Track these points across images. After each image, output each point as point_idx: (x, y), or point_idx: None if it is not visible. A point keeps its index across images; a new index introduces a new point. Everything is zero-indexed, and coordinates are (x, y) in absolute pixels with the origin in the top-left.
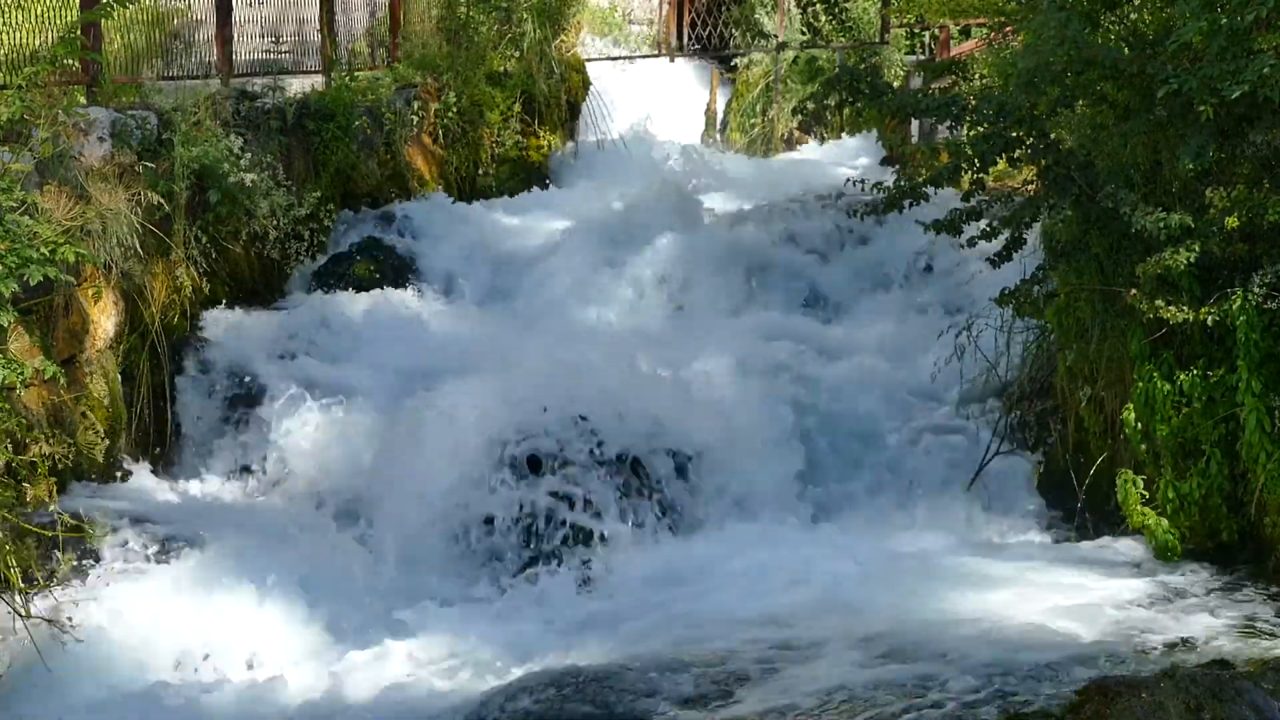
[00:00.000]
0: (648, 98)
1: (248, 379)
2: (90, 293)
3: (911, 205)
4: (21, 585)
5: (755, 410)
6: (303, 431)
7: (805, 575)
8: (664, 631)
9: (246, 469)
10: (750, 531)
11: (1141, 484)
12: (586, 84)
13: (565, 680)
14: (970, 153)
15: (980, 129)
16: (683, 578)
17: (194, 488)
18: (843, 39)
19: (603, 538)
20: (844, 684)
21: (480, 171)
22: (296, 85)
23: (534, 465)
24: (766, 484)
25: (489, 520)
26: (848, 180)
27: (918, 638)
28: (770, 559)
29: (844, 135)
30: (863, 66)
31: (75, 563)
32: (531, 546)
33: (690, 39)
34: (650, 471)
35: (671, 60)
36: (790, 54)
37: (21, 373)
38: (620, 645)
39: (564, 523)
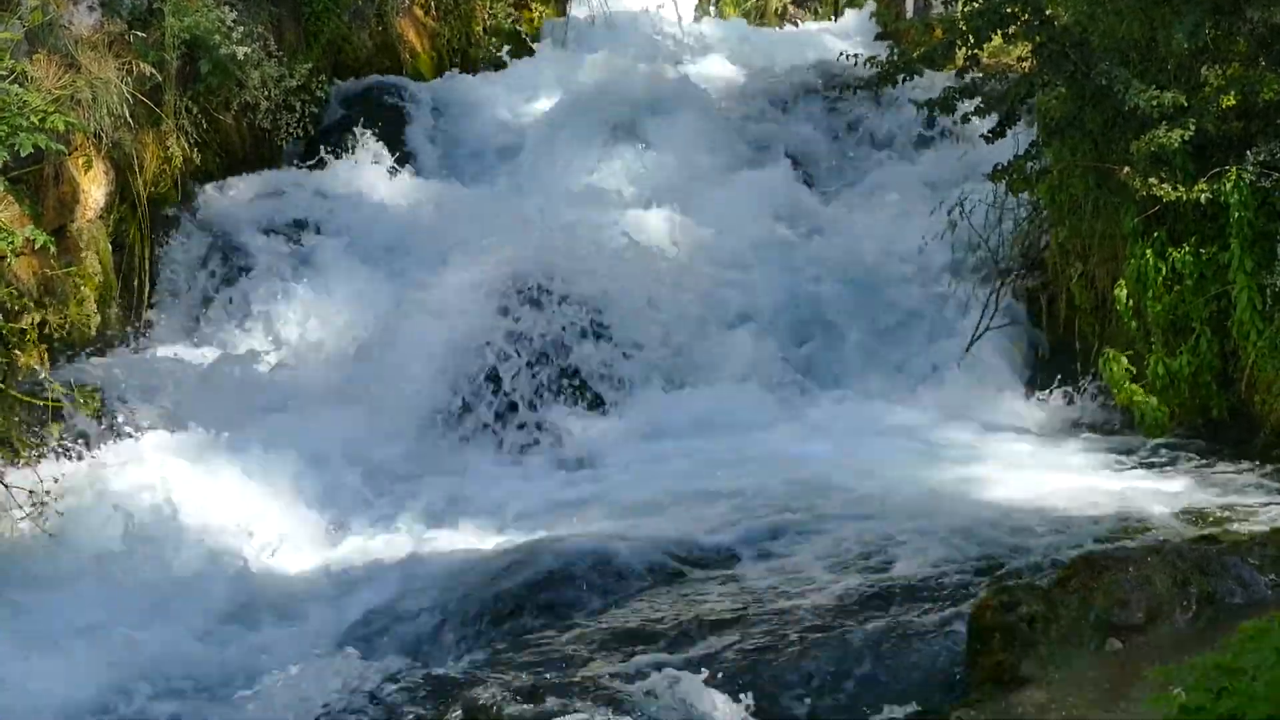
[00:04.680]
0: None
1: (239, 251)
2: (80, 162)
3: (905, 80)
4: (7, 454)
5: (746, 284)
6: (293, 304)
7: (792, 450)
8: (648, 506)
9: (238, 341)
10: (737, 407)
11: (1126, 360)
12: None
13: (555, 552)
14: (964, 29)
15: (975, 4)
16: (668, 454)
17: (185, 359)
18: None
19: (592, 409)
20: (828, 558)
21: (472, 44)
22: None
23: (522, 341)
24: (755, 359)
25: (481, 393)
26: (841, 54)
27: (903, 512)
28: (757, 435)
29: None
30: None
31: (65, 432)
32: (521, 418)
33: None
34: (636, 342)
35: None
36: None
37: (12, 241)
38: (606, 519)
39: (556, 392)
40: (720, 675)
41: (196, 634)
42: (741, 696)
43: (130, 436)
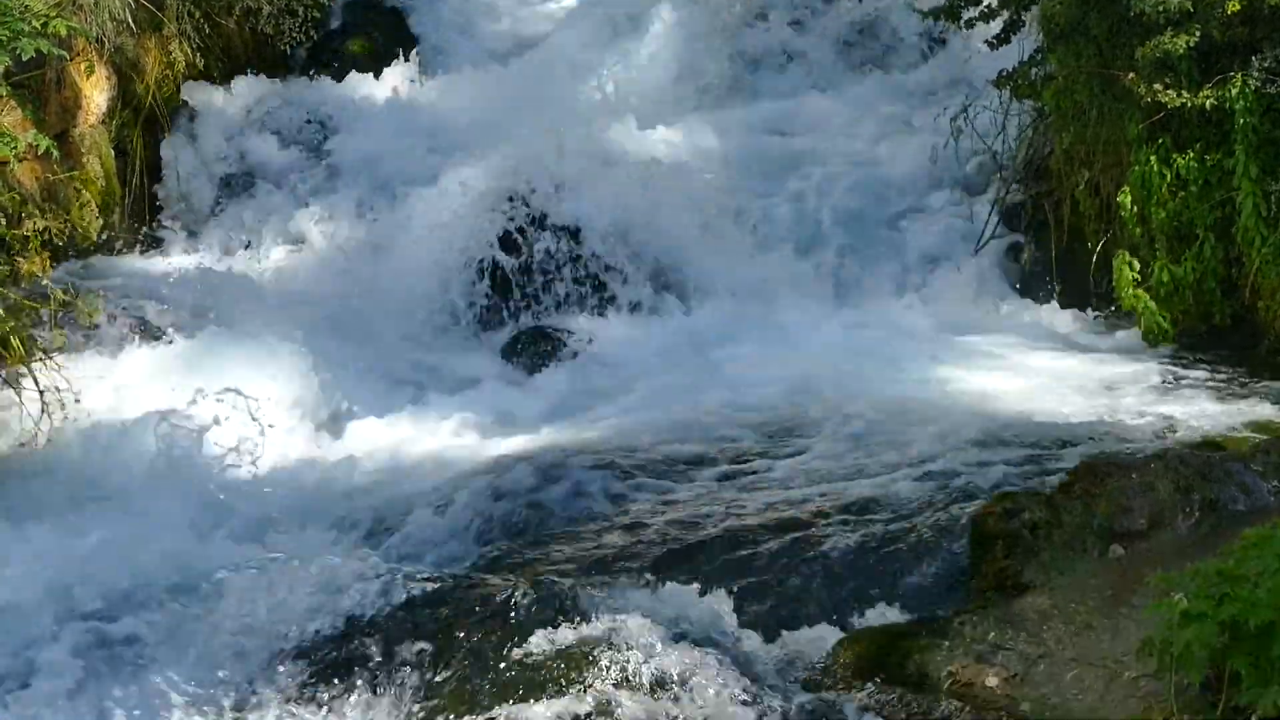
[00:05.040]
0: None
1: (241, 155)
2: (82, 67)
3: None
4: (18, 358)
5: (752, 190)
6: (296, 208)
7: (798, 352)
8: (653, 407)
9: (241, 246)
10: (743, 310)
11: (1137, 266)
12: None
13: (556, 459)
14: None
15: None
16: (674, 356)
17: (188, 264)
18: None
19: (601, 312)
20: (832, 459)
21: None
22: None
23: (525, 246)
24: (760, 263)
25: (484, 297)
26: None
27: (908, 416)
28: (763, 336)
29: None
30: None
31: (69, 338)
32: (523, 322)
33: None
34: (643, 249)
35: None
36: None
37: (14, 146)
38: (606, 426)
39: (557, 299)
40: (715, 583)
41: (205, 532)
42: (737, 604)
43: (132, 340)
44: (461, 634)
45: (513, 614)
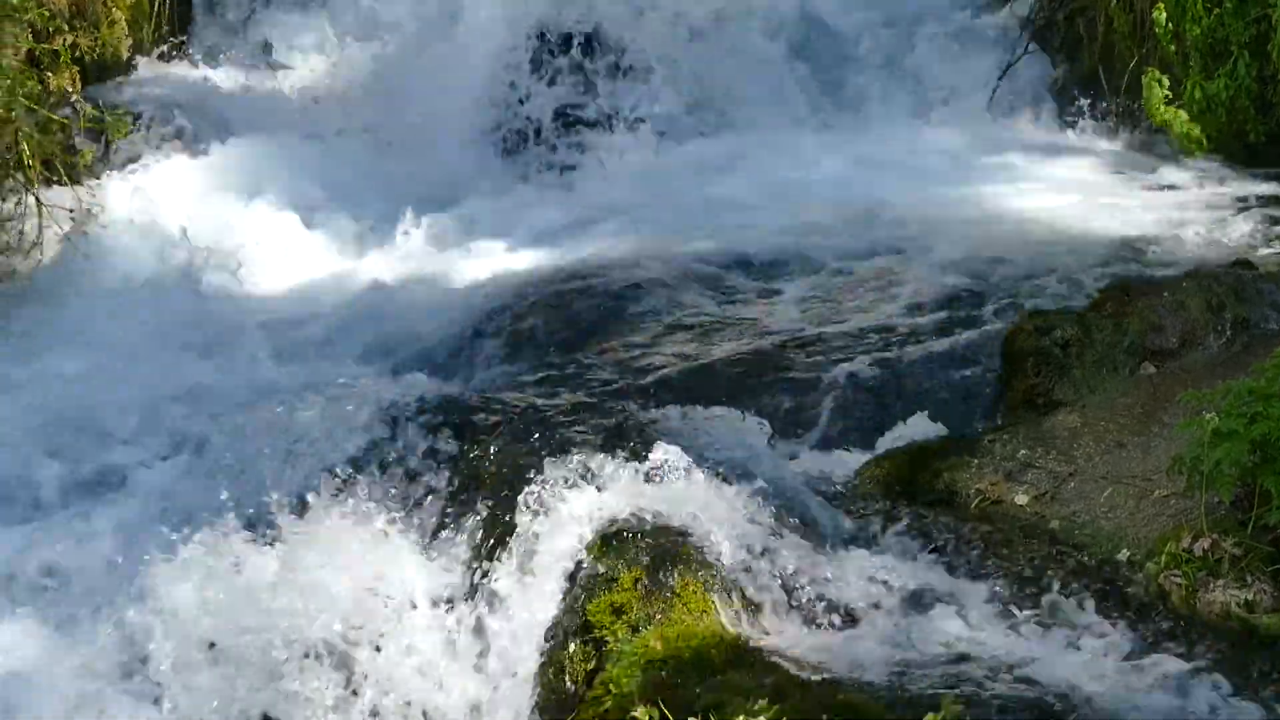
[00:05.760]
0: None
1: None
2: None
3: None
4: (45, 173)
5: (765, 11)
6: (328, 25)
7: (815, 175)
8: (678, 229)
9: (271, 64)
10: (760, 131)
11: (1167, 83)
12: None
13: (578, 277)
14: None
15: None
16: (694, 173)
17: (217, 82)
18: None
19: (630, 131)
20: (860, 279)
21: None
22: None
23: (547, 66)
24: (777, 83)
25: (505, 118)
26: None
27: (937, 234)
28: (779, 159)
29: None
30: None
31: (98, 154)
32: (542, 144)
33: None
34: (658, 71)
35: None
36: None
37: None
38: (629, 245)
39: (581, 118)
40: (743, 405)
41: (225, 355)
42: (765, 424)
43: (161, 156)
44: (493, 449)
45: (541, 431)
